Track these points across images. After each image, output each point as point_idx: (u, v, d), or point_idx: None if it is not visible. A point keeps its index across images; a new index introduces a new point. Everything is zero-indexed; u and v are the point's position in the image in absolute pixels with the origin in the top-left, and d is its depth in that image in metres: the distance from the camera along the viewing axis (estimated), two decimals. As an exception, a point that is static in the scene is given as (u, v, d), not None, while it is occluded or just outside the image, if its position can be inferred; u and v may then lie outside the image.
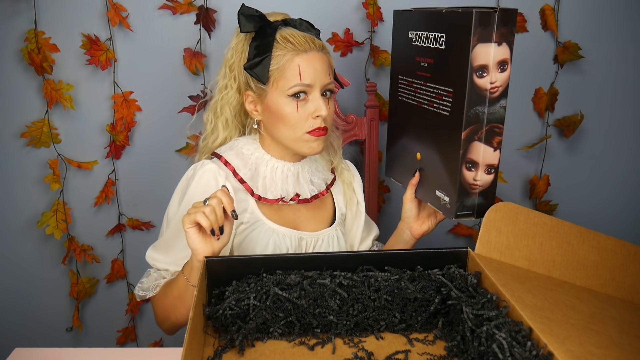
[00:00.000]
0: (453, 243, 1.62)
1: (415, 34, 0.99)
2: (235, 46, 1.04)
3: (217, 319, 0.76)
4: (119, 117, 1.41)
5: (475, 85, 0.85)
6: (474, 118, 0.87)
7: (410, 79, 1.02)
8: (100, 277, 1.55)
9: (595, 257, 0.92)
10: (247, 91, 1.03)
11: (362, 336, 0.79)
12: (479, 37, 0.83)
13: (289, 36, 0.99)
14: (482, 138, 0.89)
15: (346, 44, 1.42)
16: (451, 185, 0.93)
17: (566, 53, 1.45)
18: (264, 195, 1.03)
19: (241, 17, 1.00)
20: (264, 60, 0.99)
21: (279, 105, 0.99)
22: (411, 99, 1.03)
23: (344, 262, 0.82)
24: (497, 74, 0.86)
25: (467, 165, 0.90)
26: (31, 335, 1.58)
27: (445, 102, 0.91)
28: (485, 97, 0.86)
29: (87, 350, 1.02)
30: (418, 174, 1.04)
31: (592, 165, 1.57)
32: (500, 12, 0.82)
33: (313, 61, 0.98)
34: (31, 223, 1.48)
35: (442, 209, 0.97)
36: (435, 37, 0.92)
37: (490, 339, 0.66)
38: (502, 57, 0.85)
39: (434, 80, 0.94)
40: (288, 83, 0.98)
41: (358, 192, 1.19)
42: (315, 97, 0.99)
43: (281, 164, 1.06)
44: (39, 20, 1.35)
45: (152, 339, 1.62)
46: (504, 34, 0.84)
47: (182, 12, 1.37)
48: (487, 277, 0.77)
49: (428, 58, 0.95)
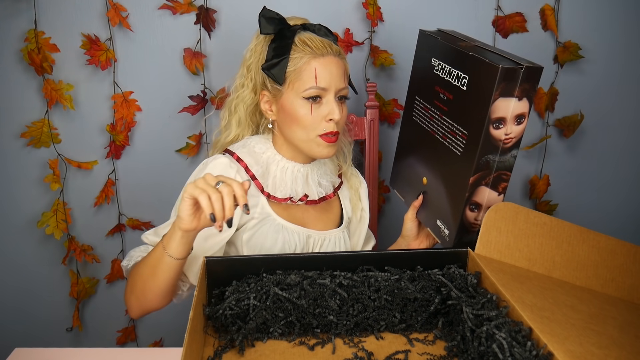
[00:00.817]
0: (453, 243, 1.62)
1: (438, 64, 0.99)
2: (255, 47, 1.07)
3: (217, 319, 0.76)
4: (119, 117, 1.41)
5: (491, 135, 0.86)
6: (484, 165, 0.88)
7: (427, 104, 1.04)
8: (100, 277, 1.55)
9: (595, 257, 0.92)
10: (263, 91, 1.06)
11: (362, 336, 0.79)
12: (501, 91, 0.83)
13: (307, 40, 1.01)
14: (489, 183, 0.90)
15: (346, 44, 1.42)
16: (452, 221, 0.95)
17: (566, 53, 1.45)
18: (274, 193, 1.05)
19: (262, 19, 1.02)
20: (281, 61, 1.01)
21: (293, 106, 1.01)
22: (425, 124, 1.05)
23: (344, 262, 0.82)
24: (513, 126, 0.86)
25: (470, 207, 0.92)
26: (31, 335, 1.58)
27: (458, 141, 0.92)
28: (499, 147, 0.87)
29: (87, 350, 1.02)
30: (421, 197, 1.07)
31: (592, 165, 1.57)
32: (525, 69, 0.82)
33: (329, 65, 1.01)
34: (31, 223, 1.48)
35: (441, 239, 1.00)
36: (458, 76, 0.92)
37: (490, 339, 0.66)
38: (520, 111, 0.85)
39: (451, 117, 0.95)
40: (304, 85, 1.00)
41: (364, 199, 1.21)
42: (329, 101, 1.01)
43: (291, 164, 1.08)
44: (39, 20, 1.35)
45: (152, 339, 1.62)
46: (526, 89, 0.84)
47: (182, 12, 1.37)
48: (487, 277, 0.77)
49: (448, 92, 0.96)
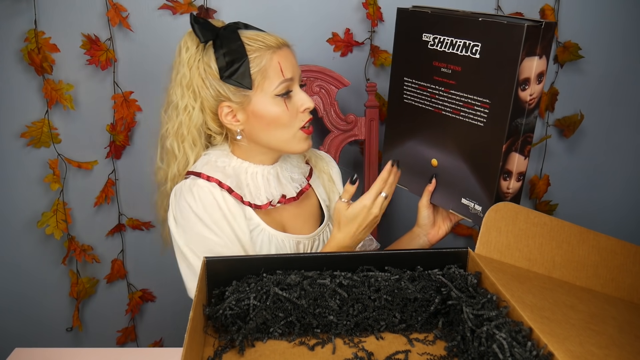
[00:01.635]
0: (453, 243, 1.62)
1: (433, 37, 0.96)
2: (188, 62, 0.97)
3: (217, 319, 0.76)
4: (119, 117, 1.41)
5: (519, 98, 0.85)
6: (514, 130, 0.87)
7: (423, 83, 1.00)
8: (100, 277, 1.55)
9: (595, 257, 0.92)
10: (223, 103, 0.97)
11: (362, 336, 0.79)
12: (527, 51, 0.82)
13: (256, 37, 0.96)
14: (518, 148, 0.89)
15: (346, 44, 1.42)
16: (486, 194, 0.93)
17: (566, 53, 1.45)
18: (254, 202, 1.00)
19: (196, 26, 0.95)
20: (242, 65, 0.94)
21: (267, 108, 0.96)
22: (424, 104, 1.01)
23: (344, 262, 0.82)
24: (535, 86, 0.85)
25: (503, 176, 0.90)
26: (31, 335, 1.58)
27: (478, 112, 0.90)
28: (525, 109, 0.86)
29: (87, 350, 1.02)
30: (435, 181, 1.03)
31: (592, 165, 1.57)
32: (545, 25, 0.81)
33: (288, 56, 0.97)
34: (31, 223, 1.48)
35: (472, 217, 0.96)
36: (466, 45, 0.90)
37: (491, 339, 0.66)
38: (541, 69, 0.85)
39: (462, 89, 0.92)
40: (273, 83, 0.95)
41: (338, 183, 1.17)
42: (297, 91, 0.99)
43: (260, 168, 1.03)
44: (39, 20, 1.35)
45: (152, 339, 1.62)
46: (544, 46, 0.83)
47: (182, 12, 1.37)
48: (487, 277, 0.77)
49: (453, 65, 0.93)
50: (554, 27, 0.84)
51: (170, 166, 1.03)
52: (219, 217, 0.96)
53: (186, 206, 0.96)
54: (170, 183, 1.04)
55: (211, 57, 0.96)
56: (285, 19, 1.41)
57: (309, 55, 1.42)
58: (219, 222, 0.96)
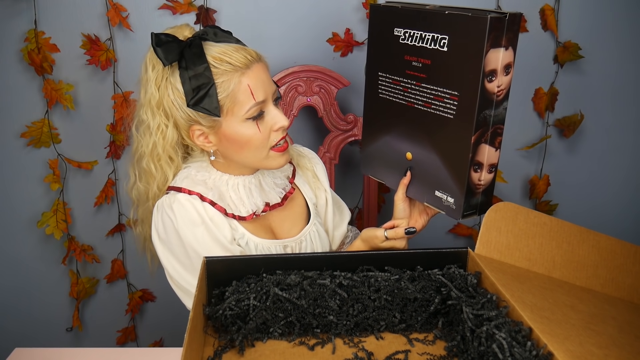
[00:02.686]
0: (453, 243, 1.62)
1: (403, 32, 0.97)
2: (155, 81, 0.94)
3: (217, 319, 0.76)
4: (119, 117, 1.41)
5: (486, 89, 0.86)
6: (482, 122, 0.88)
7: (396, 77, 1.01)
8: (100, 277, 1.55)
9: (595, 257, 0.92)
10: (193, 126, 0.94)
11: (362, 336, 0.79)
12: (491, 43, 0.83)
13: (222, 55, 0.91)
14: (488, 140, 0.90)
15: (346, 44, 1.42)
16: (457, 186, 0.93)
17: (566, 53, 1.45)
18: (238, 213, 0.99)
19: (159, 49, 0.89)
20: (209, 91, 0.90)
21: (238, 132, 0.93)
22: (398, 98, 1.02)
23: (344, 262, 0.82)
24: (503, 77, 0.86)
25: (474, 167, 0.91)
26: (31, 335, 1.58)
27: (447, 104, 0.91)
28: (493, 101, 0.87)
29: (87, 350, 1.02)
30: (409, 174, 1.04)
31: (592, 165, 1.57)
32: (509, 16, 0.83)
33: (259, 74, 0.93)
34: (31, 223, 1.48)
35: (446, 209, 0.97)
36: (434, 38, 0.92)
37: (490, 339, 0.66)
38: (508, 61, 0.86)
39: (433, 82, 0.94)
40: (243, 107, 0.92)
41: (323, 180, 1.16)
42: (270, 110, 0.95)
43: (241, 179, 1.01)
44: (39, 20, 1.35)
45: (152, 339, 1.62)
46: (510, 38, 0.85)
47: (182, 12, 1.37)
48: (487, 277, 0.77)
49: (423, 58, 0.95)
50: (519, 18, 0.85)
51: (150, 184, 1.01)
52: (200, 232, 0.95)
53: (168, 221, 0.95)
54: (152, 201, 1.02)
55: (177, 79, 0.92)
56: (285, 19, 1.41)
57: (309, 55, 1.42)
58: (200, 237, 0.94)
